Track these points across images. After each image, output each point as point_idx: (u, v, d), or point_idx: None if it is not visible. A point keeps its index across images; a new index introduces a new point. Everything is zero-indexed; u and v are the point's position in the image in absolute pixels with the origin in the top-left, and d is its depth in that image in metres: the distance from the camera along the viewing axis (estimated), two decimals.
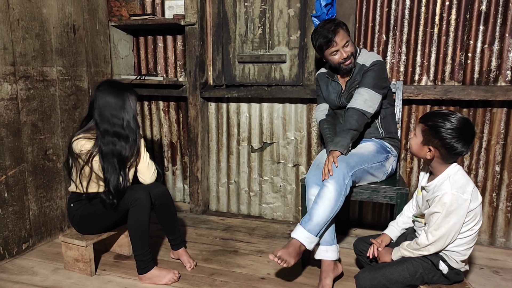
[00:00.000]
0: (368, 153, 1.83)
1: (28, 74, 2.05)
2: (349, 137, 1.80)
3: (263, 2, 2.45)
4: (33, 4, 2.05)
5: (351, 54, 1.90)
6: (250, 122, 2.68)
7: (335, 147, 1.77)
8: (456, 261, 1.42)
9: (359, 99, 1.84)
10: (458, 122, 1.33)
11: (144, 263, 1.79)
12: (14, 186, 2.02)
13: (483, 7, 2.11)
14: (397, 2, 2.24)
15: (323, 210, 1.64)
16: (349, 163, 1.70)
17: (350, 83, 1.95)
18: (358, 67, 1.93)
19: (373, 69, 1.88)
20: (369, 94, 1.84)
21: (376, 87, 1.86)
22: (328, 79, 2.04)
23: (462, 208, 1.33)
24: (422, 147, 1.41)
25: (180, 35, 2.71)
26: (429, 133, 1.37)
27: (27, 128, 2.07)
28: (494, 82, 2.16)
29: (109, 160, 1.73)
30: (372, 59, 1.90)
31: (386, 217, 2.48)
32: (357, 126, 1.82)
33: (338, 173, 1.66)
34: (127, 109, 1.77)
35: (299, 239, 1.64)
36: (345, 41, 1.88)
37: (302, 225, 1.66)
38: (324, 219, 1.64)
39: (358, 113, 1.82)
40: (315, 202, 1.67)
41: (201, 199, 2.77)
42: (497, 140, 2.20)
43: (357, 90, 1.88)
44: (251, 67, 2.55)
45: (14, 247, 2.04)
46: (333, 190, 1.64)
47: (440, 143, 1.35)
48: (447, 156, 1.38)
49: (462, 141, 1.33)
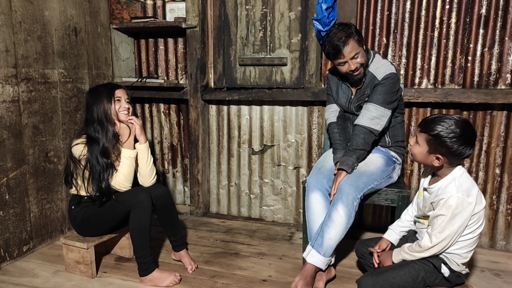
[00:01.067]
0: (377, 169, 1.79)
1: (30, 76, 2.06)
2: (355, 156, 1.79)
3: (264, 5, 2.47)
4: (35, 7, 2.06)
5: (360, 66, 1.80)
6: (251, 125, 2.68)
7: (341, 165, 1.77)
8: (457, 264, 1.42)
9: (367, 116, 1.80)
10: (460, 128, 1.34)
11: (146, 265, 1.79)
12: (15, 188, 2.02)
13: (483, 10, 2.12)
14: (397, 6, 2.25)
15: (335, 234, 1.69)
16: (358, 186, 1.71)
17: (360, 94, 1.89)
18: (369, 77, 1.84)
19: (384, 83, 1.79)
20: (378, 111, 1.79)
21: (385, 103, 1.80)
22: (339, 81, 1.98)
23: (466, 211, 1.34)
24: (429, 156, 1.41)
25: (181, 37, 2.72)
26: (434, 143, 1.38)
27: (28, 130, 2.07)
28: (494, 85, 2.17)
29: (93, 152, 1.76)
30: (384, 71, 1.80)
31: (386, 220, 2.48)
32: (364, 145, 1.81)
33: (348, 198, 1.68)
34: (102, 103, 1.82)
35: (316, 264, 1.71)
36: (354, 53, 1.76)
37: (316, 249, 1.71)
38: (336, 241, 1.71)
39: (365, 131, 1.80)
40: (325, 225, 1.71)
41: (201, 201, 2.77)
42: (497, 143, 2.21)
43: (366, 105, 1.83)
44: (252, 70, 2.56)
45: (15, 249, 2.04)
46: (343, 215, 1.68)
47: (448, 151, 1.36)
48: (455, 161, 1.40)
49: (469, 145, 1.35)
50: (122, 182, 1.79)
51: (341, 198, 1.69)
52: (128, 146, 1.82)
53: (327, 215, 1.73)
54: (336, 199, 1.71)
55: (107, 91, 1.83)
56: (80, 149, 1.77)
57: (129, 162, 1.80)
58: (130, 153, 1.81)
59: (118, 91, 1.85)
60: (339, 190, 1.72)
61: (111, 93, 1.82)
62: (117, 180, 1.79)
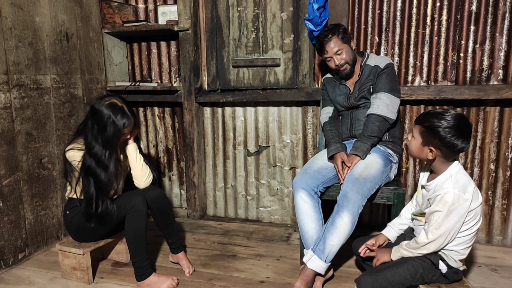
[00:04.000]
0: (378, 171, 1.78)
1: (21, 82, 2.05)
2: (369, 143, 1.82)
3: (256, 6, 2.47)
4: (25, 13, 2.05)
5: (344, 62, 1.92)
6: (246, 126, 2.68)
7: (356, 151, 1.80)
8: (454, 260, 1.43)
9: (382, 104, 1.85)
10: (454, 120, 1.35)
11: (142, 270, 1.78)
12: (10, 196, 2.00)
13: (474, 7, 2.13)
14: (388, 4, 2.26)
15: (337, 240, 1.68)
16: (364, 193, 1.70)
17: (360, 85, 1.95)
18: (369, 69, 1.93)
19: (386, 72, 1.89)
20: (389, 98, 1.86)
21: (393, 91, 1.88)
22: (336, 82, 2.07)
23: (463, 207, 1.34)
24: (423, 149, 1.42)
25: (174, 40, 2.72)
26: (427, 134, 1.38)
27: (21, 137, 2.06)
28: (486, 81, 2.18)
29: (87, 175, 1.71)
30: (385, 61, 1.92)
31: (383, 218, 2.49)
32: (379, 132, 1.84)
33: (354, 205, 1.67)
34: (114, 140, 1.73)
35: (316, 270, 1.71)
36: (337, 49, 1.90)
37: (318, 255, 1.70)
38: (338, 247, 1.71)
39: (381, 119, 1.84)
40: (328, 232, 1.69)
41: (198, 204, 2.76)
42: (491, 138, 2.22)
43: (376, 95, 1.88)
44: (246, 71, 2.55)
45: (10, 257, 2.02)
46: (348, 222, 1.67)
47: (440, 143, 1.36)
48: (449, 154, 1.39)
49: (462, 137, 1.34)
50: (144, 178, 1.88)
51: (347, 206, 1.67)
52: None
53: (330, 220, 1.71)
54: (341, 206, 1.68)
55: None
56: (74, 156, 1.75)
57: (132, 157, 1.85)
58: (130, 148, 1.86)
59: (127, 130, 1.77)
60: (345, 197, 1.68)
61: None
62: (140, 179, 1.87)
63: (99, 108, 1.70)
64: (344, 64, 1.93)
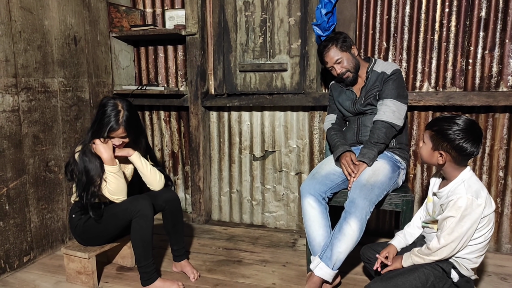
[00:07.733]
0: (385, 177, 1.76)
1: (29, 85, 2.05)
2: (376, 149, 1.81)
3: (264, 11, 2.47)
4: (35, 17, 2.06)
5: (346, 70, 1.94)
6: (252, 131, 2.67)
7: (363, 158, 1.79)
8: (466, 269, 1.40)
9: (388, 111, 1.84)
10: (464, 123, 1.34)
11: (148, 275, 1.76)
12: (16, 198, 2.00)
13: (483, 13, 2.12)
14: (397, 10, 2.25)
15: (345, 248, 1.66)
16: (372, 199, 1.69)
17: (366, 91, 1.95)
18: (376, 75, 1.93)
19: (393, 78, 1.89)
20: (396, 105, 1.85)
21: (400, 97, 1.88)
22: (342, 88, 2.07)
23: (476, 213, 1.32)
24: (433, 153, 1.41)
25: (181, 45, 2.72)
26: (437, 138, 1.38)
27: (28, 140, 2.06)
28: (495, 87, 2.16)
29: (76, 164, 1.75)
30: (392, 67, 1.92)
31: (390, 224, 2.46)
32: (385, 139, 1.84)
33: (362, 212, 1.65)
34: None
35: (324, 277, 1.68)
36: (336, 58, 1.92)
37: (325, 262, 1.68)
38: (346, 254, 1.68)
39: (387, 125, 1.83)
40: (336, 238, 1.68)
41: (203, 208, 2.75)
42: (500, 145, 2.19)
43: (383, 101, 1.88)
44: (253, 76, 2.55)
45: (15, 260, 2.02)
46: (356, 229, 1.65)
47: (450, 146, 1.35)
48: (459, 159, 1.38)
49: (471, 141, 1.34)
50: (111, 195, 1.76)
51: (355, 212, 1.65)
52: (108, 162, 1.75)
53: (337, 227, 1.69)
54: (349, 213, 1.67)
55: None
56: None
57: (112, 177, 1.75)
58: (110, 169, 1.75)
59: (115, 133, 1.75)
60: (353, 204, 1.67)
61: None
62: (108, 194, 1.76)
63: (102, 102, 1.75)
64: (345, 72, 1.94)
